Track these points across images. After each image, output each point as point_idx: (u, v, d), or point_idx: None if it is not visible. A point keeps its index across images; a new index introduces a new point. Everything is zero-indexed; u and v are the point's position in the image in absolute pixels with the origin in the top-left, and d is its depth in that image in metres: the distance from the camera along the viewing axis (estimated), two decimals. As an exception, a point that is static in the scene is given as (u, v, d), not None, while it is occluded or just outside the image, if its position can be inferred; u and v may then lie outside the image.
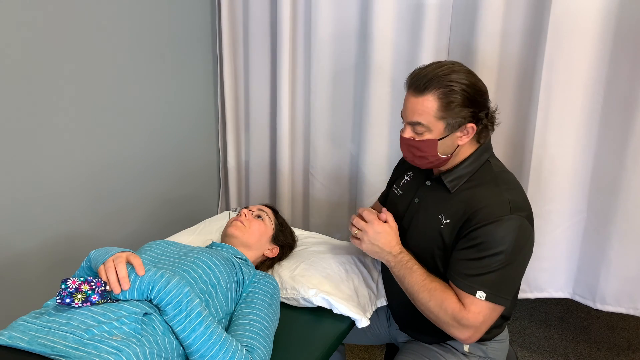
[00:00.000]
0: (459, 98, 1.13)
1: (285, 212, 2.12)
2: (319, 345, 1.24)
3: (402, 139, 1.23)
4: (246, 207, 1.53)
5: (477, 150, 1.22)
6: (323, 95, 1.96)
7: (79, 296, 1.00)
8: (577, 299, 1.70)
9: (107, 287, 1.03)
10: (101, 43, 1.66)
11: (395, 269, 1.24)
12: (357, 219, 1.32)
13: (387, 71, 1.80)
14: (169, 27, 1.92)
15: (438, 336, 1.26)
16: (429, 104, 1.15)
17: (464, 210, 1.16)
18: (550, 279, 1.71)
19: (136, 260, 1.07)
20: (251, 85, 2.13)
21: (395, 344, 1.52)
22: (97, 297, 1.01)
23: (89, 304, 1.00)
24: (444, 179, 1.23)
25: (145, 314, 1.01)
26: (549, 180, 1.61)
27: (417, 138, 1.19)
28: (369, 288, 1.45)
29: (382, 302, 1.46)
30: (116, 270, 1.04)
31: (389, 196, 1.46)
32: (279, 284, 1.37)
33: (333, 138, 2.02)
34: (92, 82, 1.65)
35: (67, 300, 0.99)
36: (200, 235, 1.67)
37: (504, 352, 1.34)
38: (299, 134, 2.09)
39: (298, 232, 1.69)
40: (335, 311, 1.31)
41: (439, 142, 1.18)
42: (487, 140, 1.24)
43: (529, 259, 1.19)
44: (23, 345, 0.93)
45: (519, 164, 1.66)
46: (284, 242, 1.52)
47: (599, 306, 1.63)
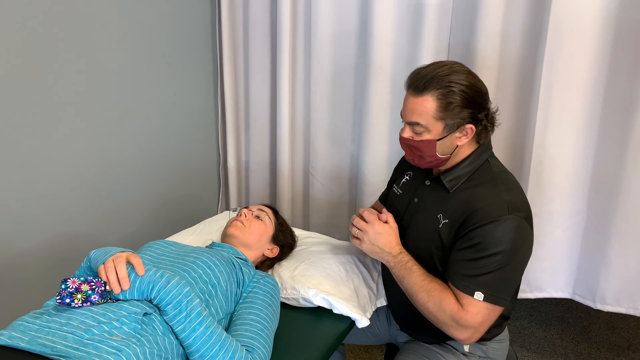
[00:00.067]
0: (458, 99, 1.13)
1: (285, 212, 2.12)
2: (319, 345, 1.24)
3: (401, 138, 1.23)
4: (246, 207, 1.53)
5: (477, 150, 1.22)
6: (323, 95, 1.96)
7: (79, 296, 1.00)
8: (577, 299, 1.70)
9: (107, 287, 1.03)
10: (101, 43, 1.66)
11: (395, 269, 1.25)
12: (357, 219, 1.32)
13: (387, 71, 1.80)
14: (169, 27, 1.92)
15: (438, 336, 1.26)
16: (427, 104, 1.14)
17: (462, 210, 1.16)
18: (550, 279, 1.71)
19: (136, 260, 1.07)
20: (251, 85, 2.13)
21: (395, 344, 1.52)
22: (97, 297, 1.01)
23: (89, 304, 1.00)
24: (443, 178, 1.23)
25: (145, 314, 1.01)
26: (549, 180, 1.61)
27: (416, 138, 1.19)
28: (369, 288, 1.45)
29: (382, 302, 1.46)
30: (116, 270, 1.04)
31: (389, 196, 1.46)
32: (279, 284, 1.37)
33: (333, 138, 2.02)
34: (92, 82, 1.65)
35: (67, 300, 0.99)
36: (200, 235, 1.67)
37: (504, 352, 1.34)
38: (299, 134, 2.09)
39: (298, 232, 1.69)
40: (335, 311, 1.31)
41: (438, 142, 1.18)
42: (486, 140, 1.24)
43: (528, 260, 1.19)
44: (23, 345, 0.93)
45: (519, 164, 1.66)
46: (284, 242, 1.52)
47: (599, 306, 1.63)
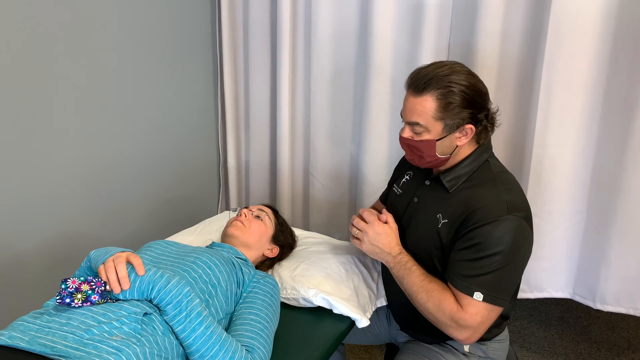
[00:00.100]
0: (457, 99, 1.13)
1: (285, 212, 2.12)
2: (319, 345, 1.24)
3: (401, 138, 1.23)
4: (246, 207, 1.53)
5: (477, 150, 1.22)
6: (323, 95, 1.96)
7: (79, 296, 1.00)
8: (577, 299, 1.70)
9: (107, 287, 1.03)
10: (101, 43, 1.66)
11: (395, 269, 1.25)
12: (357, 219, 1.32)
13: (387, 71, 1.80)
14: (169, 27, 1.92)
15: (438, 336, 1.26)
16: (427, 104, 1.14)
17: (461, 210, 1.16)
18: (550, 279, 1.71)
19: (136, 260, 1.07)
20: (251, 85, 2.13)
21: (395, 344, 1.52)
22: (97, 297, 1.01)
23: (89, 303, 1.00)
24: (443, 178, 1.23)
25: (145, 314, 1.01)
26: (549, 180, 1.61)
27: (416, 138, 1.19)
28: (369, 288, 1.45)
29: (382, 302, 1.46)
30: (116, 270, 1.04)
31: (389, 195, 1.46)
32: (279, 284, 1.37)
33: (333, 138, 2.02)
34: (92, 82, 1.65)
35: (67, 300, 0.99)
36: (200, 235, 1.67)
37: (504, 352, 1.34)
38: (299, 134, 2.09)
39: (298, 232, 1.69)
40: (335, 311, 1.31)
41: (438, 142, 1.17)
42: (486, 140, 1.24)
43: (527, 260, 1.19)
44: (23, 345, 0.93)
45: (519, 164, 1.66)
46: (284, 242, 1.52)
47: (599, 306, 1.63)
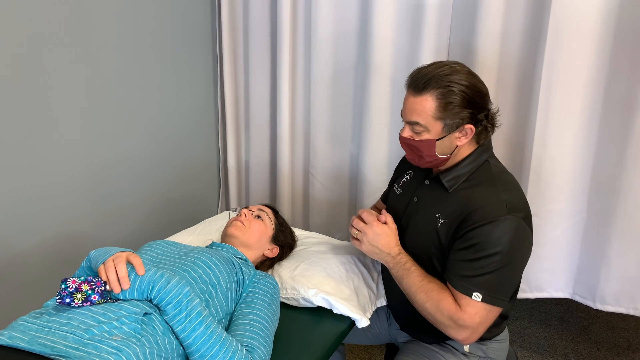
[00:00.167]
0: (457, 99, 1.13)
1: (285, 212, 2.12)
2: (319, 345, 1.24)
3: (401, 138, 1.23)
4: (246, 207, 1.53)
5: (476, 150, 1.22)
6: (323, 95, 1.96)
7: (79, 296, 1.00)
8: (577, 299, 1.70)
9: (107, 287, 1.03)
10: (102, 43, 1.66)
11: (394, 269, 1.25)
12: (356, 220, 1.32)
13: (387, 71, 1.80)
14: (169, 27, 1.92)
15: (438, 336, 1.26)
16: (427, 104, 1.14)
17: (460, 210, 1.16)
18: (550, 279, 1.71)
19: (136, 260, 1.07)
20: (251, 85, 2.13)
21: (395, 344, 1.51)
22: (97, 296, 1.01)
23: (89, 303, 1.00)
24: (442, 178, 1.23)
25: (145, 314, 1.01)
26: (549, 180, 1.61)
27: (416, 138, 1.19)
28: (369, 288, 1.45)
29: (382, 302, 1.46)
30: (116, 269, 1.04)
31: (389, 195, 1.46)
32: (279, 284, 1.37)
33: (333, 138, 2.02)
34: (92, 82, 1.65)
35: (67, 300, 0.99)
36: (200, 235, 1.67)
37: (504, 352, 1.34)
38: (299, 134, 2.09)
39: (298, 232, 1.69)
40: (335, 311, 1.31)
41: (437, 142, 1.17)
42: (487, 141, 1.24)
43: (526, 260, 1.19)
44: (23, 345, 0.93)
45: (519, 164, 1.66)
46: (284, 242, 1.52)
47: (599, 306, 1.63)
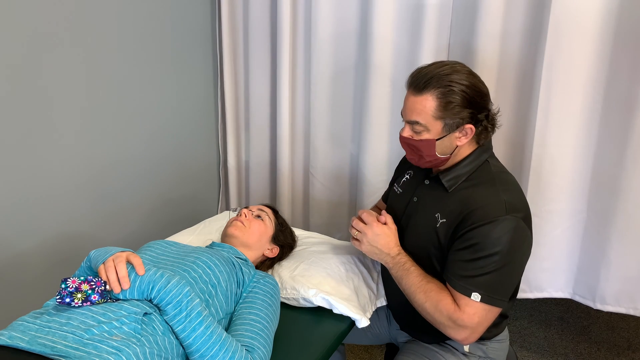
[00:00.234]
0: (458, 98, 1.13)
1: (285, 212, 2.12)
2: (319, 345, 1.24)
3: (401, 137, 1.23)
4: (246, 207, 1.53)
5: (476, 150, 1.22)
6: (323, 95, 1.96)
7: (79, 296, 1.00)
8: (577, 299, 1.70)
9: (107, 287, 1.03)
10: (101, 43, 1.66)
11: (394, 270, 1.25)
12: (356, 220, 1.32)
13: (387, 71, 1.80)
14: (169, 27, 1.92)
15: (438, 336, 1.26)
16: (427, 103, 1.14)
17: (460, 210, 1.16)
18: (550, 279, 1.71)
19: (136, 260, 1.07)
20: (251, 85, 2.13)
21: (395, 344, 1.51)
22: (97, 296, 1.01)
23: (89, 303, 1.00)
24: (442, 178, 1.23)
25: (145, 314, 1.01)
26: (549, 180, 1.61)
27: (416, 137, 1.19)
28: (369, 288, 1.45)
29: (382, 302, 1.46)
30: (116, 269, 1.04)
31: (389, 195, 1.46)
32: (279, 284, 1.37)
33: (333, 138, 2.02)
34: (92, 83, 1.65)
35: (67, 300, 0.99)
36: (200, 235, 1.67)
37: (504, 352, 1.34)
38: (299, 134, 2.09)
39: (298, 232, 1.69)
40: (335, 311, 1.31)
41: (437, 142, 1.17)
42: (487, 141, 1.24)
43: (526, 260, 1.19)
44: (23, 345, 0.93)
45: (519, 164, 1.66)
46: (284, 242, 1.52)
47: (599, 306, 1.63)
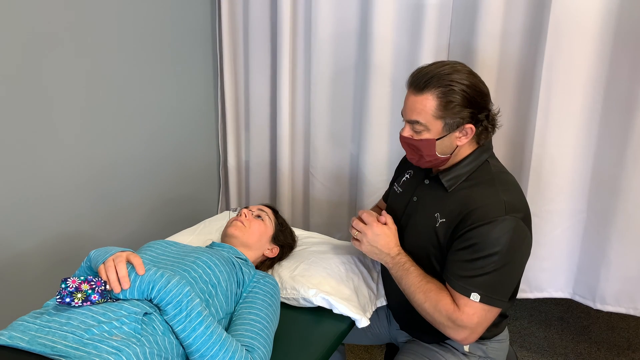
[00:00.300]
0: (458, 98, 1.13)
1: (286, 212, 2.12)
2: (319, 345, 1.24)
3: (401, 137, 1.23)
4: (246, 207, 1.53)
5: (476, 150, 1.22)
6: (323, 95, 1.96)
7: (79, 295, 1.00)
8: (577, 299, 1.70)
9: (107, 287, 1.03)
10: (102, 44, 1.66)
11: (393, 270, 1.25)
12: (356, 221, 1.32)
13: (387, 71, 1.80)
14: (169, 27, 1.92)
15: (438, 336, 1.26)
16: (427, 103, 1.14)
17: (459, 209, 1.16)
18: (550, 279, 1.71)
19: (136, 260, 1.07)
20: (251, 85, 2.13)
21: (395, 344, 1.51)
22: (97, 296, 1.01)
23: (89, 303, 1.00)
24: (442, 177, 1.23)
25: (146, 314, 1.01)
26: (549, 180, 1.61)
27: (416, 137, 1.19)
28: (369, 288, 1.45)
29: (382, 302, 1.46)
30: (116, 269, 1.04)
31: (390, 194, 1.47)
32: (279, 284, 1.37)
33: (333, 138, 2.02)
34: (92, 82, 1.65)
35: (67, 300, 0.99)
36: (200, 235, 1.67)
37: (504, 352, 1.34)
38: (299, 134, 2.09)
39: (298, 232, 1.69)
40: (335, 311, 1.31)
41: (437, 142, 1.17)
42: (487, 141, 1.24)
43: (526, 260, 1.19)
44: (23, 345, 0.93)
45: (519, 164, 1.66)
46: (284, 242, 1.52)
47: (599, 306, 1.63)
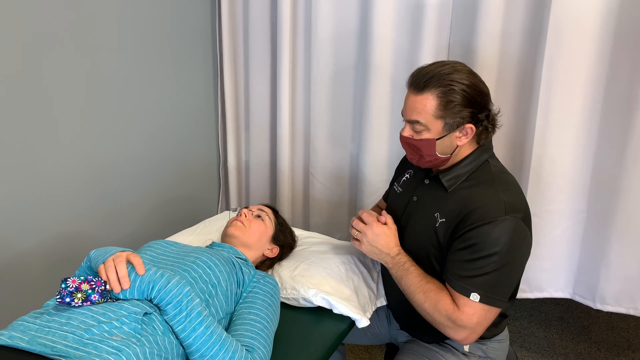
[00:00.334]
0: (458, 98, 1.13)
1: (286, 212, 2.12)
2: (319, 345, 1.24)
3: (402, 137, 1.23)
4: (246, 207, 1.53)
5: (477, 150, 1.22)
6: (323, 95, 1.96)
7: (79, 295, 1.00)
8: (577, 299, 1.70)
9: (107, 287, 1.03)
10: (102, 44, 1.66)
11: (393, 270, 1.25)
12: (356, 221, 1.32)
13: (387, 71, 1.80)
14: (169, 27, 1.92)
15: (438, 336, 1.26)
16: (428, 103, 1.14)
17: (459, 209, 1.16)
18: (550, 279, 1.71)
19: (136, 260, 1.07)
20: (251, 85, 2.13)
21: (395, 344, 1.51)
22: (97, 296, 1.01)
23: (89, 303, 1.00)
24: (442, 177, 1.23)
25: (146, 314, 1.01)
26: (549, 180, 1.61)
27: (416, 137, 1.19)
28: (369, 288, 1.45)
29: (382, 302, 1.46)
30: (116, 269, 1.04)
31: (390, 194, 1.47)
32: (279, 284, 1.37)
33: (333, 138, 2.02)
34: (92, 82, 1.65)
35: (67, 300, 0.99)
36: (200, 235, 1.67)
37: (504, 352, 1.34)
38: (299, 134, 2.09)
39: (298, 232, 1.69)
40: (335, 311, 1.31)
41: (438, 141, 1.17)
42: (487, 141, 1.24)
43: (526, 261, 1.19)
44: (23, 345, 0.93)
45: (519, 164, 1.66)
46: (284, 242, 1.52)
47: (599, 306, 1.63)
